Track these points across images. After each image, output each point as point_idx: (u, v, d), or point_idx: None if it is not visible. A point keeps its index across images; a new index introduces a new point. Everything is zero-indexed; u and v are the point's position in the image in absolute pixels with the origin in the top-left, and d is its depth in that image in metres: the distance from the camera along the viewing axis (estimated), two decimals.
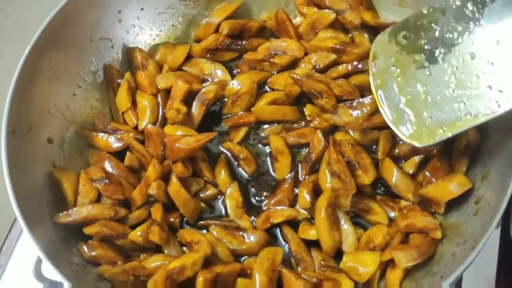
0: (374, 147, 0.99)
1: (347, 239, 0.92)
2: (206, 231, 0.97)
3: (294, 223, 0.96)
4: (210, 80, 1.11)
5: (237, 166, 1.04)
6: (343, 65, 1.04)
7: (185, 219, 0.99)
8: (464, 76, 0.83)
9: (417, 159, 0.96)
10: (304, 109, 1.04)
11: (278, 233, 0.97)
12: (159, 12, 1.13)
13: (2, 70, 0.99)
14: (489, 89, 0.80)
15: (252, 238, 0.94)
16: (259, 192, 1.01)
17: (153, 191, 0.95)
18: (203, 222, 0.98)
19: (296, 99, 1.06)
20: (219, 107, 1.09)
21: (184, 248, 0.95)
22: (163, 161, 0.98)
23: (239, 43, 1.13)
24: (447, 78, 0.84)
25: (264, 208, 0.98)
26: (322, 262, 0.90)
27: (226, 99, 1.08)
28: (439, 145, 0.93)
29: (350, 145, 0.95)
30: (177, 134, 0.99)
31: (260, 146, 1.05)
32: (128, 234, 0.91)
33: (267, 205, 0.98)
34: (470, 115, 0.81)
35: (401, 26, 0.91)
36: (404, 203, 0.94)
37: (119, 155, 1.01)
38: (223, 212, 1.00)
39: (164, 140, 0.98)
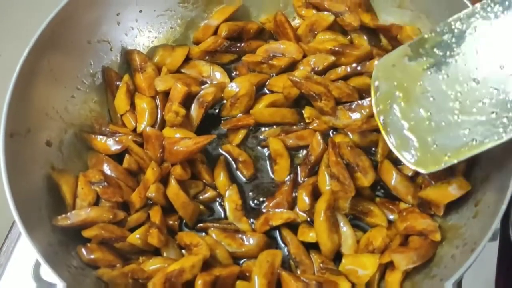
0: (373, 149, 0.99)
1: (346, 242, 0.91)
2: (205, 234, 0.96)
3: (293, 226, 0.95)
4: (209, 83, 1.11)
5: (235, 169, 1.03)
6: (342, 67, 1.04)
7: (184, 221, 0.99)
8: (468, 102, 0.81)
9: None
10: (303, 111, 1.04)
11: (277, 235, 0.96)
12: (158, 14, 1.13)
13: (0, 72, 0.98)
14: (494, 115, 0.79)
15: (251, 240, 0.94)
16: (258, 195, 1.01)
17: (152, 194, 0.94)
18: (202, 224, 0.98)
19: (295, 101, 1.06)
20: (218, 109, 1.09)
21: (183, 251, 0.94)
22: (161, 163, 0.98)
23: (237, 45, 1.12)
24: (451, 104, 0.83)
25: (263, 211, 0.98)
26: (321, 264, 0.90)
27: (225, 102, 1.07)
28: None
29: (349, 147, 0.95)
30: (175, 137, 0.99)
31: (259, 148, 1.05)
32: (127, 237, 0.91)
33: (266, 207, 0.98)
34: (476, 141, 0.80)
35: (403, 51, 0.89)
36: (403, 205, 0.94)
37: (117, 158, 1.01)
38: (222, 215, 1.00)
39: (163, 142, 0.98)
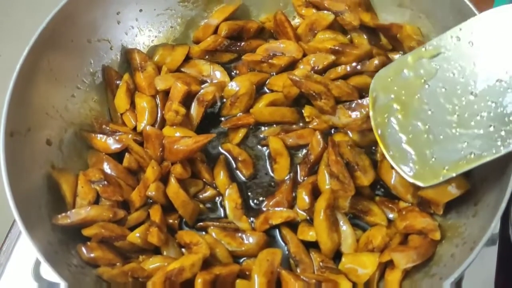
0: (373, 148, 0.99)
1: (346, 241, 0.92)
2: (205, 233, 0.97)
3: (293, 225, 0.96)
4: (209, 82, 1.11)
5: (235, 168, 1.04)
6: (341, 66, 1.04)
7: (184, 220, 0.99)
8: (466, 115, 0.81)
9: None
10: (303, 110, 1.04)
11: (277, 234, 0.97)
12: (158, 13, 1.13)
13: (1, 71, 0.99)
14: (491, 129, 0.79)
15: (251, 239, 0.94)
16: (258, 194, 1.01)
17: (151, 193, 0.94)
18: (202, 223, 0.98)
19: (295, 101, 1.06)
20: (218, 108, 1.09)
21: (183, 250, 0.94)
22: (161, 162, 0.98)
23: (238, 44, 1.13)
24: (449, 117, 0.83)
25: (263, 210, 0.98)
26: (321, 263, 0.90)
27: (225, 101, 1.08)
28: None
29: (349, 146, 0.95)
30: (176, 136, 0.99)
31: (259, 147, 1.05)
32: (127, 235, 0.91)
33: (266, 206, 0.98)
34: (474, 155, 0.80)
35: (400, 64, 0.89)
36: (403, 204, 0.94)
37: (117, 157, 1.01)
38: (222, 214, 1.00)
39: (163, 141, 0.98)
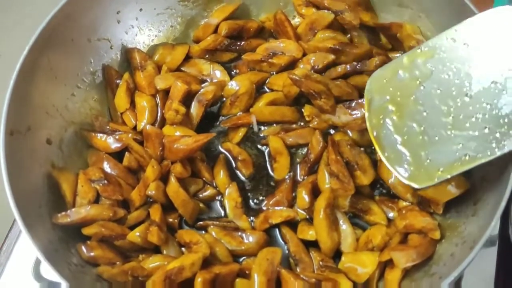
0: (373, 147, 0.98)
1: (346, 240, 0.92)
2: (205, 232, 0.97)
3: (293, 224, 0.96)
4: (209, 81, 1.11)
5: (234, 168, 1.04)
6: (341, 65, 1.04)
7: (184, 219, 0.99)
8: (461, 117, 0.81)
9: None
10: (303, 109, 1.04)
11: (277, 233, 0.97)
12: (158, 12, 1.13)
13: (1, 70, 0.99)
14: (486, 130, 0.79)
15: (251, 238, 0.94)
16: (257, 193, 1.01)
17: (151, 192, 0.95)
18: (202, 222, 0.98)
19: (295, 100, 1.06)
20: (218, 107, 1.09)
21: (183, 249, 0.95)
22: (161, 161, 0.98)
23: (238, 43, 1.13)
24: (444, 119, 0.83)
25: (263, 209, 0.98)
26: (321, 262, 0.90)
27: (225, 100, 1.08)
28: None
29: (349, 145, 0.95)
30: (176, 135, 0.99)
31: (259, 146, 1.05)
32: (127, 234, 0.91)
33: (266, 205, 0.98)
34: (468, 156, 0.80)
35: (396, 65, 0.89)
36: (403, 203, 0.94)
37: (117, 156, 1.01)
38: (222, 213, 1.00)
39: (163, 140, 0.98)
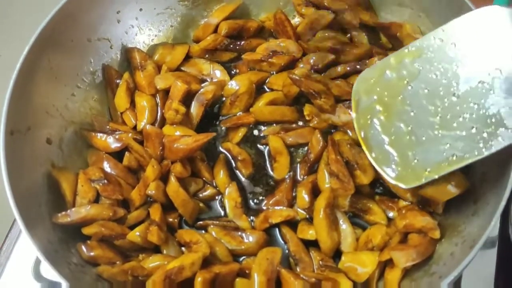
0: None
1: (345, 239, 0.92)
2: (204, 232, 0.97)
3: (292, 223, 0.96)
4: (208, 81, 1.11)
5: (234, 168, 1.04)
6: (341, 65, 1.05)
7: (183, 219, 0.99)
8: (448, 117, 0.81)
9: None
10: (303, 109, 1.04)
11: (277, 233, 0.97)
12: (158, 12, 1.14)
13: (1, 70, 0.99)
14: (474, 130, 0.79)
15: (250, 238, 0.94)
16: (257, 193, 1.01)
17: (151, 191, 0.95)
18: (201, 222, 0.98)
19: (295, 99, 1.06)
20: (218, 107, 1.09)
21: (182, 249, 0.95)
22: (161, 161, 0.98)
23: (237, 43, 1.13)
24: (431, 119, 0.82)
25: (263, 208, 0.98)
26: (320, 262, 0.90)
27: (225, 100, 1.08)
28: None
29: (349, 145, 0.95)
30: (175, 135, 0.99)
31: (258, 146, 1.05)
32: (127, 234, 0.91)
33: (266, 205, 0.98)
34: (456, 156, 0.80)
35: (383, 65, 0.89)
36: (402, 203, 0.94)
37: (117, 156, 1.01)
38: (222, 213, 1.00)
39: (163, 140, 0.98)
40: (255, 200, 1.00)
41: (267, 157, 1.04)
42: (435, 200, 0.91)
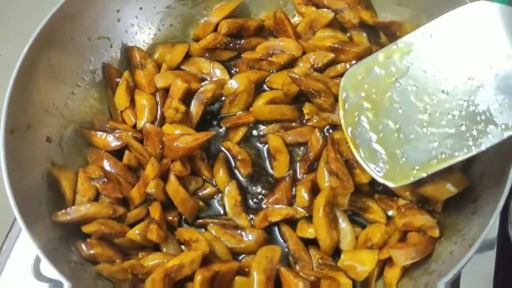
0: None
1: (345, 238, 0.92)
2: (204, 230, 0.97)
3: (292, 222, 0.96)
4: (208, 79, 1.11)
5: (234, 167, 1.04)
6: (341, 64, 1.05)
7: (183, 217, 0.99)
8: (437, 114, 0.80)
9: None
10: (302, 108, 1.04)
11: (277, 231, 0.97)
12: (158, 11, 1.14)
13: (1, 69, 0.99)
14: (463, 128, 0.78)
15: (250, 236, 0.94)
16: (257, 191, 1.01)
17: (151, 190, 0.95)
18: (201, 220, 0.98)
19: (295, 98, 1.06)
20: (217, 106, 1.09)
21: (182, 247, 0.95)
22: (161, 159, 0.98)
23: (237, 42, 1.13)
24: (420, 116, 0.81)
25: (262, 207, 0.98)
26: (320, 260, 0.90)
27: (225, 99, 1.08)
28: None
29: (348, 144, 0.95)
30: (175, 133, 0.99)
31: (258, 144, 1.05)
32: (127, 232, 0.91)
33: (266, 203, 0.98)
34: (445, 154, 0.79)
35: (371, 62, 0.88)
36: (402, 201, 0.94)
37: (117, 154, 1.01)
38: (222, 211, 1.00)
39: (163, 139, 0.98)
40: (255, 199, 1.01)
41: (266, 155, 1.04)
42: (434, 198, 0.91)
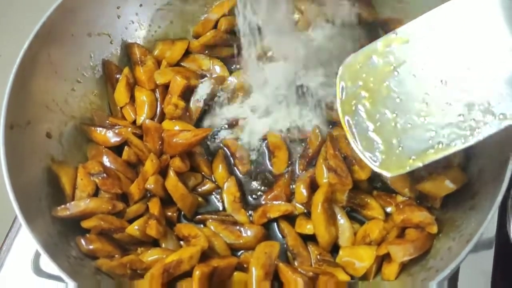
0: None
1: (343, 234, 0.92)
2: (203, 226, 0.97)
3: (291, 218, 0.96)
4: (208, 76, 1.11)
5: (232, 164, 1.04)
6: None
7: (182, 213, 0.99)
8: (435, 103, 0.79)
9: None
10: None
11: (275, 227, 0.97)
12: (158, 8, 1.13)
13: (1, 65, 0.99)
14: (461, 118, 0.77)
15: (249, 232, 0.94)
16: (256, 187, 1.01)
17: (150, 186, 0.95)
18: (200, 216, 0.98)
19: None
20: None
21: (181, 242, 0.95)
22: (161, 155, 0.99)
23: (237, 39, 1.13)
24: (417, 105, 0.80)
25: (261, 203, 0.98)
26: (318, 256, 0.91)
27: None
28: None
29: (347, 140, 0.95)
30: (175, 129, 1.00)
31: (258, 141, 1.05)
32: (126, 228, 0.91)
33: (264, 199, 0.98)
34: (442, 144, 0.78)
35: (369, 50, 0.86)
36: (400, 198, 0.94)
37: (117, 150, 1.01)
38: (221, 207, 1.00)
39: (162, 135, 0.99)
40: (254, 195, 1.01)
41: (266, 152, 1.04)
42: (433, 195, 0.91)
